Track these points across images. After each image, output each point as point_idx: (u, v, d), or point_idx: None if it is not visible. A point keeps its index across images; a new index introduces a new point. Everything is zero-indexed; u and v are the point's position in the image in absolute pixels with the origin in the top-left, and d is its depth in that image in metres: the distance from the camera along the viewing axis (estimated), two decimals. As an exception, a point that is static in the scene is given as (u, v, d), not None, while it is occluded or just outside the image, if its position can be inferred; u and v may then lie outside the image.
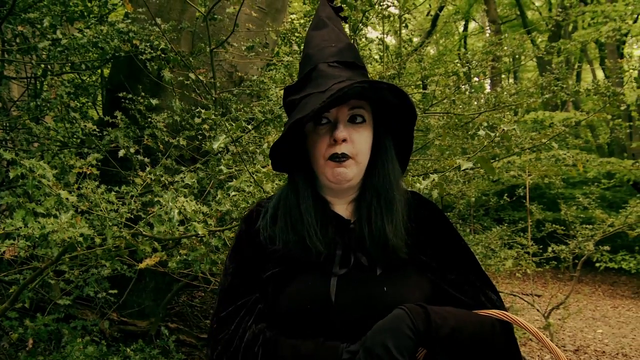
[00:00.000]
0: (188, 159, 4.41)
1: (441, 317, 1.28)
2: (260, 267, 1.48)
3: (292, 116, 1.43)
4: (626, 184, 12.35)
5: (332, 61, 1.45)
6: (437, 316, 1.27)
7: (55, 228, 2.08)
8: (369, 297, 1.36)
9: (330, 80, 1.40)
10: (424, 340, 1.24)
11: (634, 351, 6.82)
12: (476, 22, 21.59)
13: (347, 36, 1.59)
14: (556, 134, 6.21)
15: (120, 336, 4.17)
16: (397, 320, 1.25)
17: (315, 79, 1.43)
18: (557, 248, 7.08)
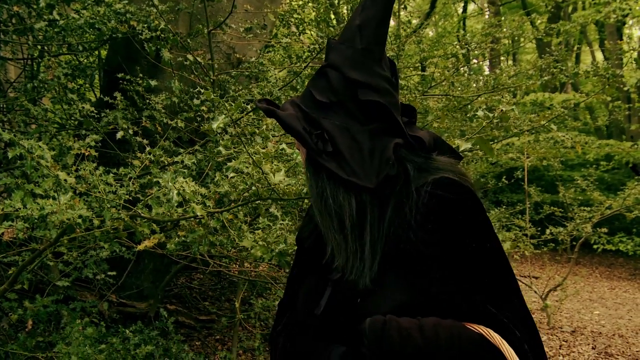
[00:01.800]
0: (186, 140, 4.40)
1: (404, 334, 1.15)
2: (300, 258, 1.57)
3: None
4: (624, 166, 12.36)
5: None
6: (396, 332, 1.15)
7: (54, 209, 2.08)
8: (350, 307, 1.28)
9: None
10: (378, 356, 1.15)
11: (630, 332, 6.86)
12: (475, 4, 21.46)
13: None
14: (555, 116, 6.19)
15: (119, 318, 4.19)
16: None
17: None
18: (555, 230, 7.11)
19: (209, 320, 5.51)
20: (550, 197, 10.01)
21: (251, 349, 4.75)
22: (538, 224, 7.85)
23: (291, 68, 4.51)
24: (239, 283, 4.59)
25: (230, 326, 5.19)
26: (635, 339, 6.53)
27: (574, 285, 8.71)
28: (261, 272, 4.69)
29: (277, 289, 4.60)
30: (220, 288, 6.49)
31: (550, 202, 8.96)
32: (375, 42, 1.31)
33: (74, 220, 2.20)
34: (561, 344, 6.28)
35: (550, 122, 6.44)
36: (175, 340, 4.15)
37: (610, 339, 6.47)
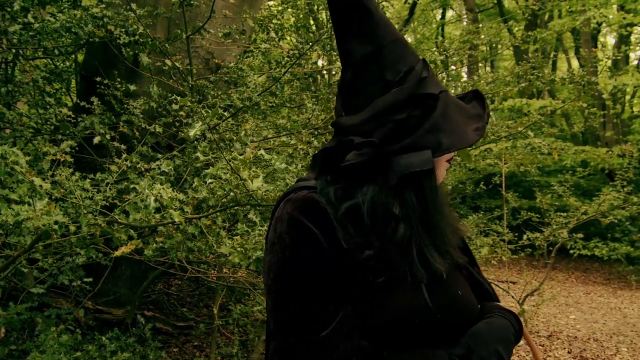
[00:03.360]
0: (164, 146, 4.37)
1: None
2: (341, 278, 1.24)
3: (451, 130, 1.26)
4: (600, 173, 12.52)
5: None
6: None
7: (29, 215, 2.05)
8: (453, 300, 1.33)
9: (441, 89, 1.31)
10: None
11: (605, 336, 6.94)
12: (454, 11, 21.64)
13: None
14: (532, 123, 6.26)
15: (96, 324, 4.14)
16: (505, 330, 1.31)
17: (432, 75, 1.32)
18: (532, 235, 7.16)
19: (187, 326, 5.47)
20: (528, 202, 10.10)
21: (229, 355, 4.72)
22: (515, 230, 7.90)
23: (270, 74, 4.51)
24: (218, 289, 4.57)
25: (209, 332, 5.16)
26: (609, 342, 6.61)
27: (551, 290, 8.79)
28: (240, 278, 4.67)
29: (255, 295, 4.58)
30: (199, 294, 6.46)
31: (527, 207, 9.03)
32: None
33: (50, 226, 2.17)
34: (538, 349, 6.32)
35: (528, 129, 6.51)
36: (153, 347, 4.11)
37: (585, 343, 6.54)
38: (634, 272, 10.70)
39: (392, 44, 1.28)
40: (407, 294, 1.26)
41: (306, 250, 1.23)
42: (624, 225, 10.25)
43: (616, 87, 10.04)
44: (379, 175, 1.24)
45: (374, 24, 1.29)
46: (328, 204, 1.27)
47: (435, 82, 1.29)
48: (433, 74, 1.30)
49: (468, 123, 1.28)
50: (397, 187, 1.24)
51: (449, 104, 1.28)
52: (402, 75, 1.26)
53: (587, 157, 10.73)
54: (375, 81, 1.28)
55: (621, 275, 11.40)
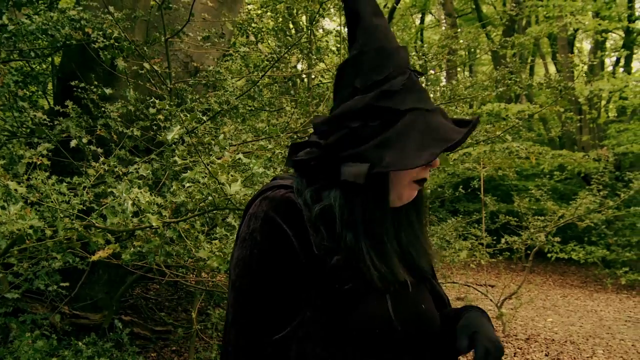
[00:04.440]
0: (143, 149, 4.35)
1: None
2: (307, 283, 1.23)
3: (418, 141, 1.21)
4: (576, 177, 12.67)
5: (412, 70, 1.30)
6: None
7: (3, 220, 2.03)
8: (416, 314, 1.34)
9: (429, 102, 1.27)
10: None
11: (581, 338, 7.01)
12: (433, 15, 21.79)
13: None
14: (510, 127, 6.33)
15: (72, 330, 4.10)
16: (489, 323, 1.36)
17: (413, 91, 1.26)
18: (510, 239, 7.23)
19: (165, 331, 5.43)
20: (506, 206, 10.18)
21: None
22: (494, 233, 7.97)
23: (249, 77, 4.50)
24: (196, 293, 4.55)
25: (187, 337, 5.13)
26: (585, 345, 6.68)
27: (529, 293, 8.86)
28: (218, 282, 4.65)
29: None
30: (177, 298, 6.41)
31: (505, 211, 9.11)
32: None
33: (25, 231, 2.15)
34: (515, 351, 6.37)
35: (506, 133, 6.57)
36: (131, 352, 4.08)
37: (562, 346, 6.60)
38: (610, 275, 10.82)
39: (375, 52, 1.27)
40: (370, 304, 1.25)
41: (276, 251, 1.22)
42: (600, 229, 10.37)
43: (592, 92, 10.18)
44: (337, 179, 1.25)
45: (361, 30, 1.30)
46: (304, 206, 1.25)
47: (417, 97, 1.25)
48: (420, 89, 1.27)
49: (427, 146, 1.21)
50: (348, 194, 1.24)
51: (417, 122, 1.22)
52: (371, 84, 1.25)
53: (564, 161, 10.85)
54: (347, 86, 1.29)
55: (597, 278, 11.53)
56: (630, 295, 10.24)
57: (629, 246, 10.88)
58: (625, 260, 10.58)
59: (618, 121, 14.14)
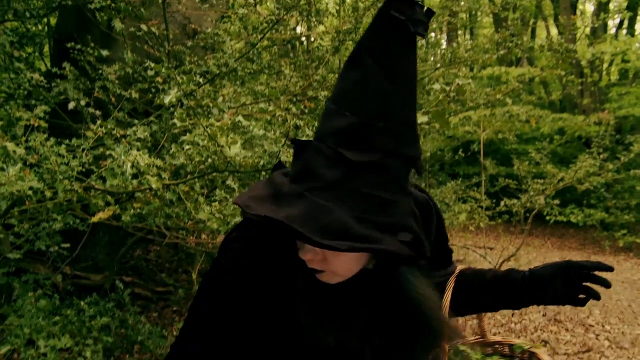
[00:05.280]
0: (141, 112, 4.34)
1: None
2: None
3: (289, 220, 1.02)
4: (577, 140, 12.64)
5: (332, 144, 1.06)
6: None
7: (2, 181, 2.04)
8: None
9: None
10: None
11: (579, 301, 7.09)
12: (435, -23, 21.49)
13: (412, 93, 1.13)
14: (510, 90, 6.29)
15: (74, 290, 4.15)
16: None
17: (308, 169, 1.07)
18: (509, 202, 7.24)
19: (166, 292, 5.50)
20: (505, 169, 10.18)
21: (208, 320, 4.75)
22: (493, 196, 7.99)
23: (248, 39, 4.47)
24: (196, 255, 4.59)
25: (188, 298, 5.19)
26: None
27: (527, 256, 8.92)
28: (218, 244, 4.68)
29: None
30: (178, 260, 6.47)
31: (505, 174, 9.11)
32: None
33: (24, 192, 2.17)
34: (513, 312, 6.46)
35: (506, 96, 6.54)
36: (132, 311, 4.13)
37: (559, 307, 6.68)
38: (608, 238, 10.89)
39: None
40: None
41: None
42: (599, 192, 10.41)
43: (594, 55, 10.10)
44: None
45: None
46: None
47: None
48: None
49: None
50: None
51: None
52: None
53: (564, 124, 10.82)
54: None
55: (595, 241, 11.60)
56: (628, 257, 10.32)
57: (627, 209, 10.93)
58: (623, 222, 10.64)
59: (620, 84, 14.04)
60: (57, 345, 2.81)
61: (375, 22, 1.07)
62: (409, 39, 1.06)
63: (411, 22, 1.04)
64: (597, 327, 5.98)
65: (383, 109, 1.05)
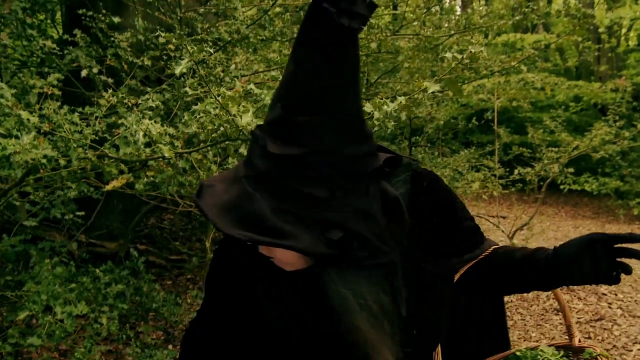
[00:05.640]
0: (154, 80, 4.33)
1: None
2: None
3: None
4: (592, 108, 12.50)
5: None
6: None
7: (17, 149, 2.05)
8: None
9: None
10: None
11: (592, 269, 7.08)
12: (450, -59, 21.11)
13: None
14: (525, 57, 6.21)
15: (89, 257, 4.20)
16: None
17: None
18: (523, 171, 7.20)
19: (180, 260, 5.55)
20: (519, 138, 10.10)
21: (222, 288, 4.80)
22: (507, 165, 7.94)
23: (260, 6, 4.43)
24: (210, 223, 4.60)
25: (201, 266, 5.24)
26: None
27: (540, 225, 8.90)
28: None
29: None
30: (191, 228, 6.52)
31: (519, 143, 9.05)
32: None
33: (39, 160, 2.18)
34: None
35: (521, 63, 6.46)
36: (146, 279, 4.18)
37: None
38: (623, 206, 10.82)
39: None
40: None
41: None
42: (614, 160, 10.30)
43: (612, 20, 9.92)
44: None
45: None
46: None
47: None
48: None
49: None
50: None
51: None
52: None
53: (580, 92, 10.70)
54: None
55: (610, 210, 11.54)
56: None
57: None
58: (638, 191, 10.56)
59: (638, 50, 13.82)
60: (73, 311, 2.84)
61: (308, 12, 1.00)
62: (344, 33, 0.98)
63: (346, 15, 0.97)
64: (610, 296, 5.98)
65: (307, 102, 1.02)
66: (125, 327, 4.12)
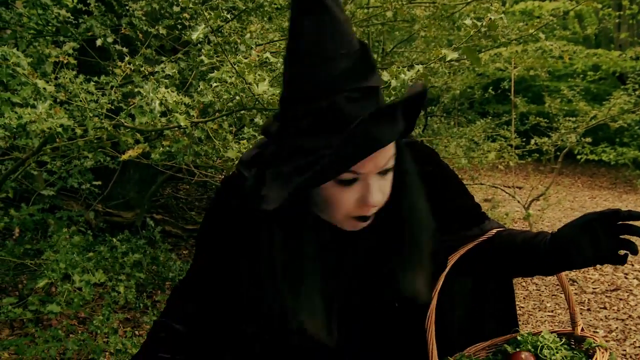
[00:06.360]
0: (169, 49, 4.30)
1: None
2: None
3: (314, 168, 1.03)
4: (611, 76, 12.32)
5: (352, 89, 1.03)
6: None
7: (32, 118, 2.05)
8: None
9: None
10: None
11: (608, 239, 7.04)
12: None
13: (350, 24, 1.11)
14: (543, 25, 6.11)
15: (106, 227, 4.23)
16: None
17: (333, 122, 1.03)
18: (539, 140, 7.14)
19: (196, 229, 5.58)
20: (536, 107, 9.99)
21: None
22: (523, 135, 7.87)
23: (275, -27, 4.37)
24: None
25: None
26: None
27: (557, 195, 8.84)
28: (247, 182, 4.70)
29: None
30: (207, 198, 6.54)
31: (536, 112, 8.94)
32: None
33: (55, 130, 2.18)
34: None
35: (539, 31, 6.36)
36: (163, 249, 4.21)
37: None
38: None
39: (294, 73, 1.10)
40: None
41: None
42: (632, 130, 10.17)
43: (634, -14, 9.72)
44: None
45: (290, 35, 1.13)
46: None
47: (329, 133, 1.04)
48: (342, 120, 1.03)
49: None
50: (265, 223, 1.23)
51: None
52: (286, 111, 1.13)
53: (599, 60, 10.53)
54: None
55: (627, 180, 11.42)
56: (660, 196, 10.19)
57: (662, 147, 10.70)
58: (657, 161, 10.44)
59: (660, 17, 13.55)
60: (91, 280, 2.87)
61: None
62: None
63: None
64: (626, 266, 5.96)
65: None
66: (142, 295, 4.17)
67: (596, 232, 1.17)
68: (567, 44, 9.36)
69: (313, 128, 1.04)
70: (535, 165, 10.13)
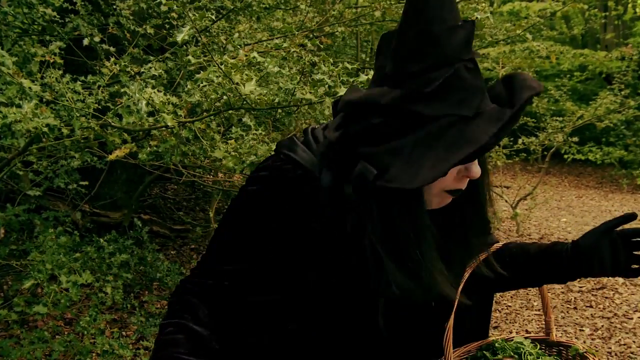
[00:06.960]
0: (157, 48, 4.28)
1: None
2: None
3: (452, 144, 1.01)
4: (598, 77, 12.40)
5: (468, 60, 1.03)
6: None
7: (18, 118, 2.03)
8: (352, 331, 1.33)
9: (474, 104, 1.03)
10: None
11: (595, 238, 7.08)
12: None
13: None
14: (531, 25, 6.15)
15: (93, 227, 4.21)
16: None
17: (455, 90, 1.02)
18: (527, 140, 7.18)
19: (184, 229, 5.57)
20: (524, 107, 10.04)
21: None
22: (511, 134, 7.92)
23: (263, -27, 4.36)
24: (213, 193, 4.62)
25: (205, 236, 5.26)
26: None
27: (544, 194, 8.90)
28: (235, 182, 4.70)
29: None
30: (195, 198, 6.53)
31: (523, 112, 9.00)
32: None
33: (41, 129, 2.16)
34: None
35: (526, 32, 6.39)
36: (150, 249, 4.19)
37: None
38: (626, 176, 10.80)
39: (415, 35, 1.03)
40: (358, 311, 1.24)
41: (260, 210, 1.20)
42: (618, 130, 10.26)
43: (619, -12, 9.79)
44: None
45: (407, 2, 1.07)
46: (323, 189, 1.19)
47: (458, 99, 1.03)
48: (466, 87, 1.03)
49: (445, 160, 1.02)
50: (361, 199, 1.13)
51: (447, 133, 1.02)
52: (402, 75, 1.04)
53: (585, 60, 10.60)
54: (380, 67, 1.11)
55: (613, 179, 11.51)
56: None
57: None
58: (642, 160, 10.53)
59: (645, 18, 13.66)
60: (78, 280, 2.85)
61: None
62: None
63: None
64: (613, 265, 6.00)
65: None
66: (130, 296, 4.16)
67: (616, 242, 1.23)
68: (554, 44, 9.43)
69: (435, 95, 1.01)
70: (523, 164, 10.18)
